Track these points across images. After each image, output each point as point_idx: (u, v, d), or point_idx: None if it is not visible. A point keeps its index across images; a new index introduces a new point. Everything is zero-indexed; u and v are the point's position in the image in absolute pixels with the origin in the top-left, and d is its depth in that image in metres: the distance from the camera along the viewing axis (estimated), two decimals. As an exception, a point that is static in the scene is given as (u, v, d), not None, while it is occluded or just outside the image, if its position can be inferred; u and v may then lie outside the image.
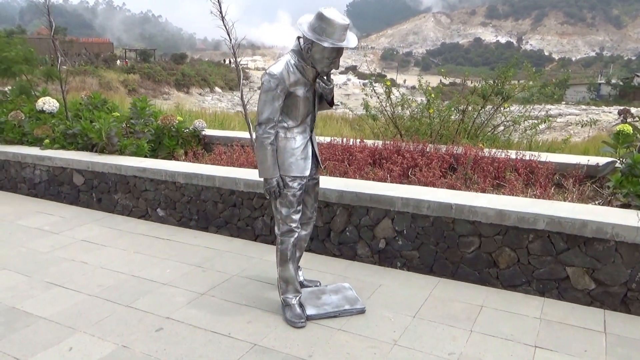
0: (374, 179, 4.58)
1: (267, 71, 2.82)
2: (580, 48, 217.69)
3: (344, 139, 5.73)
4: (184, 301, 3.23)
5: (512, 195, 4.17)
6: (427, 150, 5.23)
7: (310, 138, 3.02)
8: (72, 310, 3.13)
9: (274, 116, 2.84)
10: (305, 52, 2.78)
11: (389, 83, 6.06)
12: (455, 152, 5.11)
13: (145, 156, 5.89)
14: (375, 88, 6.64)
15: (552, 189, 4.38)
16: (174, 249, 4.18)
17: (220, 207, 4.65)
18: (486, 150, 5.15)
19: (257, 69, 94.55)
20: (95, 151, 5.81)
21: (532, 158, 4.84)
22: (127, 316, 3.05)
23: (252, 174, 4.52)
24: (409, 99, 6.16)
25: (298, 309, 3.04)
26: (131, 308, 3.15)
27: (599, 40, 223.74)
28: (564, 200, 4.06)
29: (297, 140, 2.94)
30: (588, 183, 4.50)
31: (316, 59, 2.77)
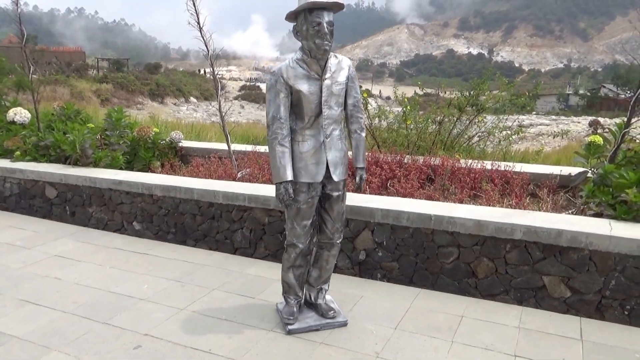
0: (353, 191, 4.59)
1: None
2: (549, 60, 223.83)
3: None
4: (163, 317, 3.17)
5: (489, 205, 4.23)
6: (405, 161, 5.28)
7: (325, 142, 2.81)
8: (46, 328, 3.04)
9: (278, 113, 2.74)
10: (295, 34, 2.76)
11: (365, 94, 6.12)
12: (432, 163, 5.18)
13: (121, 168, 5.79)
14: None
15: (527, 198, 4.47)
16: (152, 264, 4.11)
17: (198, 220, 4.60)
18: (462, 161, 5.23)
19: (233, 79, 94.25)
20: (69, 163, 5.69)
21: (507, 168, 4.93)
22: (104, 334, 2.98)
23: (230, 186, 4.49)
24: (386, 110, 6.22)
25: (294, 308, 3.06)
26: (108, 325, 3.08)
27: (567, 52, 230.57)
28: (539, 210, 4.15)
29: (307, 144, 2.80)
30: (561, 192, 4.61)
31: (305, 35, 2.69)
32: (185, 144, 6.79)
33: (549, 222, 3.35)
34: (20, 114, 6.39)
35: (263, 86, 72.54)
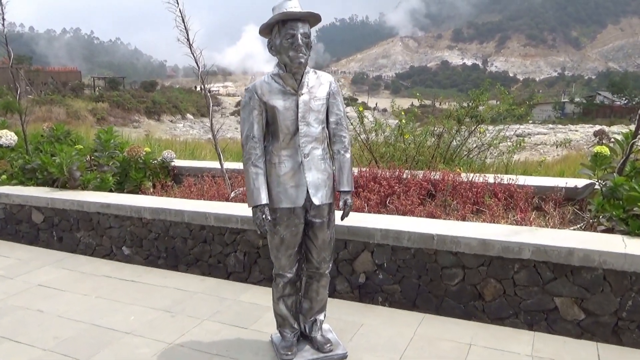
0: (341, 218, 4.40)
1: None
2: (542, 69, 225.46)
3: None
4: (149, 353, 2.95)
5: (493, 221, 4.05)
6: (404, 176, 5.10)
7: (304, 163, 2.60)
8: (23, 368, 2.83)
9: (252, 132, 2.57)
10: (270, 49, 2.60)
11: (361, 108, 5.96)
12: (432, 177, 5.00)
13: (111, 190, 5.60)
14: (347, 114, 6.53)
15: (533, 213, 4.28)
16: (140, 292, 3.89)
17: (190, 243, 4.40)
18: (463, 175, 5.05)
19: (229, 94, 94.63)
20: (56, 186, 5.49)
21: (510, 182, 4.74)
22: (86, 373, 2.76)
23: (222, 208, 4.29)
24: (383, 123, 6.06)
25: (291, 342, 2.84)
26: (91, 363, 2.86)
27: (560, 61, 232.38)
28: (546, 225, 3.96)
29: (285, 165, 2.59)
30: (568, 206, 4.42)
31: (279, 48, 2.53)
32: (178, 163, 6.60)
33: (559, 240, 3.16)
34: (5, 136, 6.21)
35: (259, 101, 72.09)
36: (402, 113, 6.43)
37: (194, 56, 5.44)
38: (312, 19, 2.59)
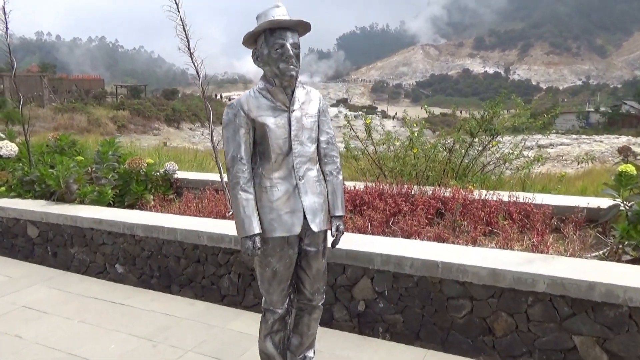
0: (352, 229, 4.13)
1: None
2: (566, 77, 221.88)
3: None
4: (123, 389, 2.71)
5: (507, 244, 3.73)
6: (412, 193, 4.81)
7: (299, 185, 2.35)
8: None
9: (239, 153, 2.29)
10: (256, 60, 2.35)
11: (369, 121, 5.68)
12: (442, 195, 4.69)
13: (109, 204, 5.42)
14: (353, 126, 6.27)
15: (550, 236, 3.94)
16: (126, 316, 3.67)
17: (183, 263, 4.17)
18: (476, 192, 4.73)
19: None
20: (53, 200, 5.34)
21: (527, 201, 4.41)
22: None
23: (216, 226, 4.06)
24: (393, 137, 5.77)
25: None
26: (59, 399, 2.64)
27: (585, 69, 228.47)
28: (565, 251, 3.63)
29: (278, 189, 2.33)
30: (589, 229, 4.07)
31: (266, 59, 2.28)
32: (181, 175, 6.41)
33: (578, 272, 2.83)
34: (5, 147, 6.10)
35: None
36: (415, 125, 6.13)
37: (194, 65, 5.26)
38: (301, 28, 2.34)
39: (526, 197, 4.47)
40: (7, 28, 6.19)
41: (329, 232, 2.56)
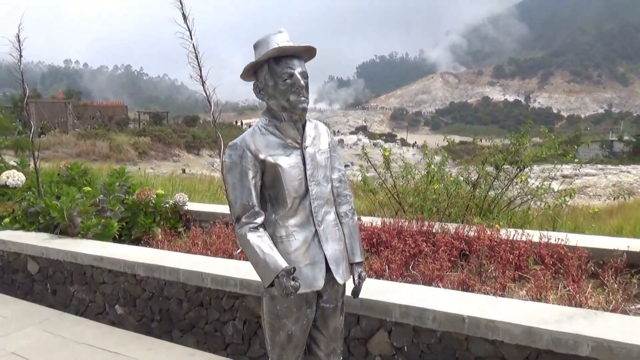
0: (368, 273, 3.79)
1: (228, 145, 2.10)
2: (588, 105, 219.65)
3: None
4: None
5: (539, 293, 3.37)
6: (433, 231, 4.47)
7: (319, 232, 2.07)
8: None
9: (250, 201, 1.98)
10: (258, 93, 2.08)
11: (387, 153, 5.37)
12: (466, 234, 4.34)
13: (115, 238, 5.19)
14: (372, 155, 5.98)
15: (589, 285, 3.55)
16: (119, 367, 3.37)
17: (185, 306, 3.87)
18: (503, 231, 4.37)
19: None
20: (56, 233, 5.12)
21: (559, 241, 4.04)
22: None
23: (220, 268, 3.76)
24: (412, 170, 5.45)
25: None
26: None
27: (607, 97, 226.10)
28: (607, 303, 3.24)
29: (295, 239, 2.04)
30: (631, 275, 3.67)
31: (272, 92, 2.01)
32: (192, 206, 6.17)
33: (628, 333, 2.45)
34: (12, 176, 5.95)
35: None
36: (435, 156, 5.81)
37: (206, 93, 5.09)
38: (306, 54, 2.09)
39: (558, 238, 4.10)
40: (20, 56, 6.11)
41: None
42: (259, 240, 1.96)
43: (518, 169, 5.30)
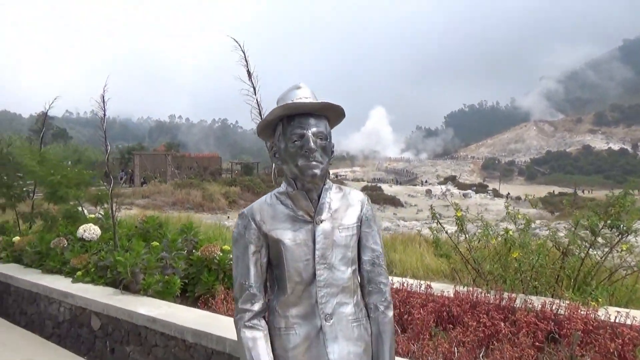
0: (433, 357, 3.29)
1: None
2: None
3: (405, 282, 4.53)
4: None
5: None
6: (515, 305, 3.88)
7: (324, 329, 1.71)
8: None
9: (247, 279, 1.72)
10: (273, 156, 1.83)
11: (460, 214, 4.87)
12: (555, 312, 3.71)
13: (177, 296, 5.09)
14: (462, 206, 5.47)
15: None
16: None
17: (231, 380, 3.58)
18: (602, 311, 3.68)
19: (356, 179, 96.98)
20: (120, 289, 5.13)
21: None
22: None
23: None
24: (492, 231, 4.88)
25: None
26: None
27: None
28: None
29: (297, 333, 1.72)
30: None
31: (284, 155, 1.75)
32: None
33: None
34: (89, 230, 6.15)
35: (384, 186, 72.68)
36: (519, 216, 5.20)
37: (266, 144, 5.01)
38: (332, 113, 1.80)
39: (675, 324, 3.35)
40: (104, 114, 6.46)
41: None
42: (252, 343, 1.69)
43: (620, 235, 4.55)
